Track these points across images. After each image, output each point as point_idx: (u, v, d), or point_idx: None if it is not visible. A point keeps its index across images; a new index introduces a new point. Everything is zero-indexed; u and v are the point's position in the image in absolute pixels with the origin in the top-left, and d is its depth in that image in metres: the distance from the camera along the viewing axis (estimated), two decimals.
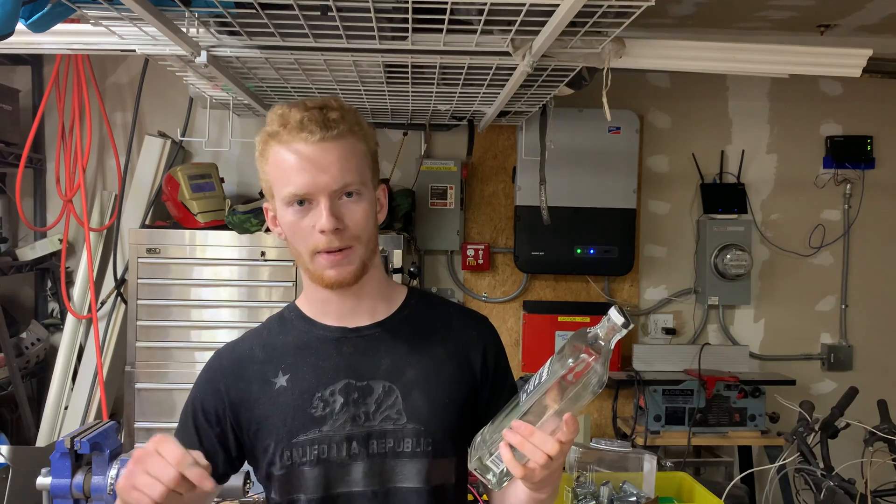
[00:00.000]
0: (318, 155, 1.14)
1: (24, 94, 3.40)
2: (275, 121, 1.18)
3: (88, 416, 3.27)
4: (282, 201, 1.17)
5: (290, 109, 1.17)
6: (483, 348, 1.30)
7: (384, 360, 1.23)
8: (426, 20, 1.79)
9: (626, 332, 1.03)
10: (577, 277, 3.68)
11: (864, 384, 2.66)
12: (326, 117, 1.15)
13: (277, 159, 1.17)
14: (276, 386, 1.21)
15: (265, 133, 1.19)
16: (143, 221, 3.30)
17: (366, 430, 1.19)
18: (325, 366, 1.22)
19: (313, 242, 1.16)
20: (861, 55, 2.12)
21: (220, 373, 1.26)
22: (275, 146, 1.17)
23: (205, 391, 1.26)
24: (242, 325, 2.75)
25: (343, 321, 1.25)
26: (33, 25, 1.55)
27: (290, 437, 1.19)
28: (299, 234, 1.17)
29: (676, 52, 2.12)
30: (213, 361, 1.29)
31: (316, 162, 1.14)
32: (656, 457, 2.11)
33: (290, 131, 1.15)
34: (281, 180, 1.17)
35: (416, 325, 1.28)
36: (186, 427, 1.25)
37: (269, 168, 1.19)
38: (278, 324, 1.29)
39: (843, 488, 2.02)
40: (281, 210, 1.19)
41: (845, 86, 3.74)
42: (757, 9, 3.05)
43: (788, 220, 3.76)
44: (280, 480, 1.20)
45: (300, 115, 1.15)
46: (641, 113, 3.66)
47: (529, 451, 1.02)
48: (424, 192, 3.53)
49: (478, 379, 1.28)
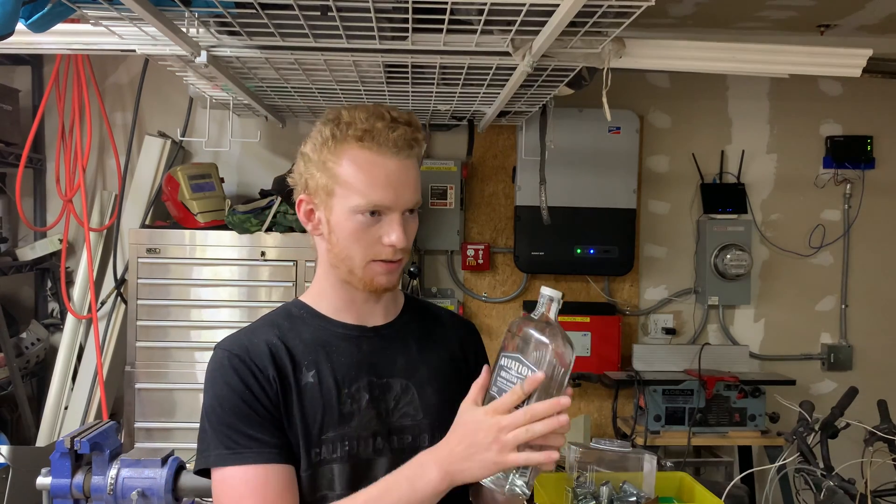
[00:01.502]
0: (403, 172, 1.17)
1: (24, 94, 3.40)
2: (361, 121, 1.16)
3: (88, 416, 3.27)
4: (351, 208, 1.17)
5: (378, 118, 1.16)
6: (474, 348, 1.38)
7: (399, 358, 1.27)
8: (426, 20, 1.79)
9: (561, 301, 1.10)
10: (577, 277, 3.68)
11: (864, 384, 2.66)
12: (414, 136, 1.18)
13: (362, 163, 1.16)
14: (303, 382, 1.19)
15: (344, 133, 1.17)
16: (143, 221, 3.30)
17: (387, 427, 1.22)
18: (348, 362, 1.23)
19: (375, 251, 1.18)
20: (861, 55, 2.13)
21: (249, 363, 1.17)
22: (360, 150, 1.16)
23: (245, 381, 1.16)
24: (242, 325, 2.75)
25: (362, 320, 1.27)
26: (33, 25, 1.55)
27: (321, 433, 1.18)
28: (362, 242, 1.18)
29: (676, 52, 2.12)
30: (233, 357, 1.18)
31: (401, 178, 1.17)
32: (656, 457, 2.11)
33: (381, 142, 1.15)
34: (359, 187, 1.16)
35: (419, 325, 1.33)
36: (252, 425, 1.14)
37: (344, 169, 1.17)
38: (287, 320, 1.26)
39: (843, 488, 2.02)
40: (344, 214, 1.18)
41: (845, 86, 3.74)
42: (757, 9, 3.05)
43: (788, 220, 3.76)
44: (306, 480, 1.18)
45: (393, 130, 1.16)
46: (641, 113, 3.66)
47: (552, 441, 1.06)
48: (424, 192, 3.52)
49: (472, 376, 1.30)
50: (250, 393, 1.15)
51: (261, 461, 1.13)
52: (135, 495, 1.87)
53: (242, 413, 1.14)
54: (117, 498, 1.88)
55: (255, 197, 3.38)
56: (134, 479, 1.89)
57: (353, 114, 1.18)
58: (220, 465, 1.14)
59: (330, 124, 1.19)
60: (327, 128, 1.19)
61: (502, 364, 1.10)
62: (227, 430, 1.14)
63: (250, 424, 1.14)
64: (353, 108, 1.19)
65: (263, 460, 1.13)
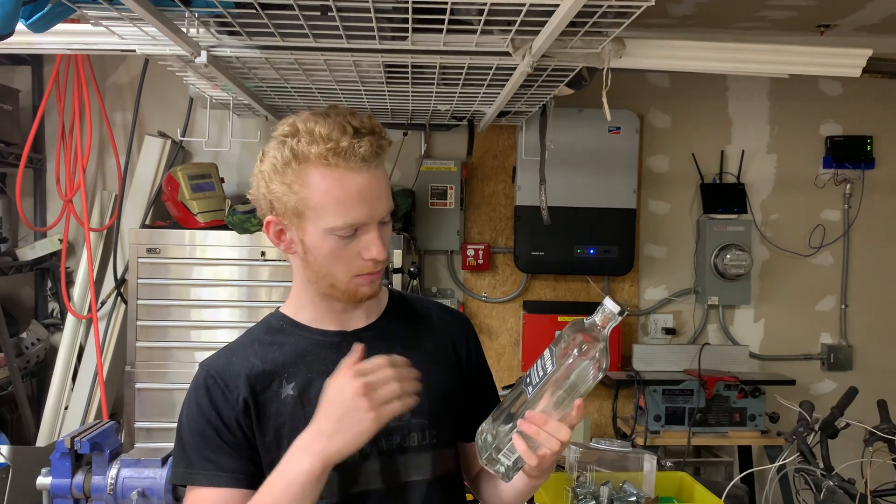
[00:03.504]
0: (373, 185, 1.12)
1: (24, 94, 3.40)
2: (323, 138, 1.09)
3: (88, 416, 3.27)
4: (325, 229, 1.12)
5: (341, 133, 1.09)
6: (466, 339, 1.36)
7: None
8: (426, 20, 1.79)
9: (621, 319, 1.10)
10: (577, 277, 3.68)
11: (864, 384, 2.66)
12: (379, 145, 1.12)
13: (332, 183, 1.10)
14: (283, 395, 1.19)
15: (304, 152, 1.10)
16: (143, 221, 3.30)
17: None
18: (329, 370, 1.19)
19: (357, 267, 1.16)
20: (861, 55, 2.13)
21: (221, 386, 1.18)
22: (327, 169, 1.10)
23: (215, 405, 1.18)
24: (242, 325, 2.75)
25: (342, 325, 1.26)
26: (33, 25, 1.55)
27: None
28: (342, 260, 1.15)
29: (676, 52, 2.13)
30: (209, 378, 1.19)
31: (373, 191, 1.12)
32: (656, 457, 2.11)
33: (348, 158, 1.09)
34: (330, 209, 1.11)
35: (404, 323, 1.31)
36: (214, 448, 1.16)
37: (311, 192, 1.10)
38: (267, 334, 1.25)
39: (843, 488, 2.02)
40: (318, 235, 1.13)
41: (845, 86, 3.74)
42: (757, 9, 3.05)
43: (788, 220, 3.76)
44: None
45: (357, 145, 1.09)
46: (641, 113, 3.66)
47: (544, 440, 1.06)
48: (424, 192, 3.53)
49: (464, 369, 1.34)
50: (217, 416, 1.17)
51: (214, 484, 1.16)
52: (135, 495, 1.87)
53: (205, 435, 1.17)
54: (117, 498, 1.88)
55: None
56: (134, 479, 1.89)
57: (313, 128, 1.10)
58: (179, 483, 1.19)
59: (289, 142, 1.11)
60: (286, 147, 1.11)
61: (543, 353, 1.13)
62: (189, 450, 1.18)
63: (211, 448, 1.17)
64: (309, 121, 1.11)
65: (216, 484, 1.16)
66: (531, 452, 1.07)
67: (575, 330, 1.11)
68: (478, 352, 1.38)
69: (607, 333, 1.10)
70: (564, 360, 1.08)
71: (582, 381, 1.08)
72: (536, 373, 1.11)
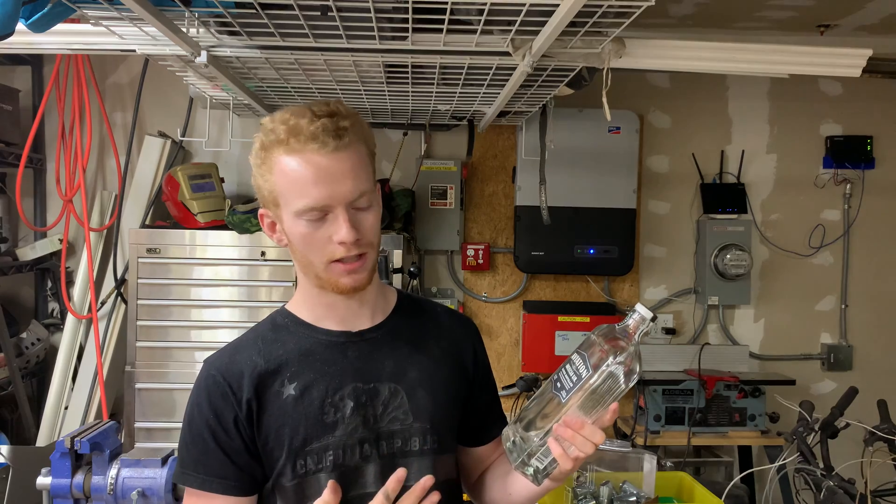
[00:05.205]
0: (334, 165, 1.12)
1: (24, 94, 3.41)
2: (281, 129, 1.13)
3: (88, 416, 3.27)
4: (293, 213, 1.14)
5: (299, 117, 1.12)
6: (473, 346, 1.36)
7: (388, 361, 1.24)
8: (426, 20, 1.79)
9: (652, 325, 1.13)
10: (577, 277, 3.68)
11: (864, 384, 2.66)
12: (339, 126, 1.12)
13: (287, 169, 1.13)
14: (285, 395, 1.19)
15: (268, 140, 1.14)
16: (143, 221, 3.30)
17: (375, 432, 1.20)
18: (332, 370, 1.21)
19: (329, 252, 1.15)
20: (861, 55, 2.12)
21: (223, 386, 1.19)
22: (282, 155, 1.13)
23: (214, 406, 1.18)
24: (242, 325, 2.75)
25: (346, 325, 1.25)
26: (33, 25, 1.56)
27: (304, 445, 1.18)
28: (314, 246, 1.15)
29: (676, 52, 2.12)
30: (210, 377, 1.20)
31: (332, 173, 1.12)
32: (656, 457, 2.11)
33: (301, 140, 1.11)
34: (293, 192, 1.13)
35: (412, 326, 1.30)
36: (208, 452, 1.18)
37: (276, 178, 1.14)
38: (272, 331, 1.25)
39: (843, 488, 2.02)
40: (290, 221, 1.15)
41: (845, 86, 3.74)
42: (757, 9, 3.05)
43: (788, 220, 3.76)
44: (292, 490, 1.18)
45: (312, 124, 1.11)
46: (641, 113, 3.66)
47: (580, 444, 1.09)
48: (424, 192, 3.53)
49: (470, 375, 1.33)
50: (216, 419, 1.18)
51: (204, 488, 1.18)
52: (135, 495, 1.87)
53: (202, 438, 1.19)
54: (117, 498, 1.88)
55: (255, 197, 3.37)
56: (134, 479, 1.89)
57: (277, 117, 1.15)
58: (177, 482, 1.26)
59: (259, 135, 1.17)
60: (258, 140, 1.17)
61: (571, 357, 1.14)
62: (187, 450, 1.21)
63: (205, 451, 1.18)
64: (280, 112, 1.16)
65: (206, 488, 1.18)
66: (567, 456, 1.10)
67: (608, 336, 1.12)
68: (483, 359, 1.37)
69: (639, 339, 1.12)
70: (600, 366, 1.09)
71: (616, 387, 1.10)
72: (568, 378, 1.12)
